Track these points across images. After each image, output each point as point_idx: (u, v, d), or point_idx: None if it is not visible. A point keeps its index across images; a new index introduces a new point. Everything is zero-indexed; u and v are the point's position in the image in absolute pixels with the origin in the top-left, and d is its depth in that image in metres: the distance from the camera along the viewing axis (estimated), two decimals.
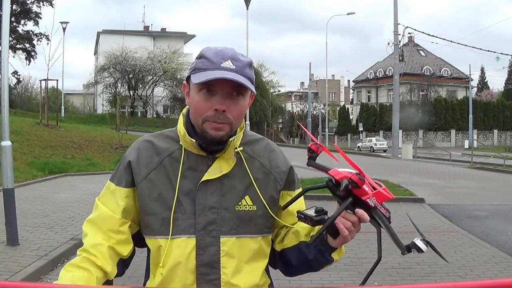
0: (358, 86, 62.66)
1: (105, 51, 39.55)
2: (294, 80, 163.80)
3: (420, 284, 1.86)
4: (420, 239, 1.16)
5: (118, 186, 1.39)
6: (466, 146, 38.88)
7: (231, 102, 1.31)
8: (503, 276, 4.90)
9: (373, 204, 1.19)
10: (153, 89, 41.36)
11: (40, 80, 19.04)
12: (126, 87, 40.35)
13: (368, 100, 58.04)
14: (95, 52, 53.23)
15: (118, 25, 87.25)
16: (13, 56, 34.00)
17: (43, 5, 34.99)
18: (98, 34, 49.25)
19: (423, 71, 52.65)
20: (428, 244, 1.15)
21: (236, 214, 1.34)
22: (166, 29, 52.06)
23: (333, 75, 79.44)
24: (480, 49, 38.47)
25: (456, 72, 55.73)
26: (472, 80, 47.54)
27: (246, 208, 1.35)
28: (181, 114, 1.42)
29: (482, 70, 64.46)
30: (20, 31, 35.18)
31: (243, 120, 1.40)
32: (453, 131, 46.67)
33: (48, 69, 18.97)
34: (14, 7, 32.54)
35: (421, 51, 56.25)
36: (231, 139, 1.33)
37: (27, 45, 35.74)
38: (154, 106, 43.08)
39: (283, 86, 60.03)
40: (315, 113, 51.80)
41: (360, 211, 1.20)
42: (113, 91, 39.64)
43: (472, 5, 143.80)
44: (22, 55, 35.83)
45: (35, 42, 35.65)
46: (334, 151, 1.35)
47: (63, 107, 34.65)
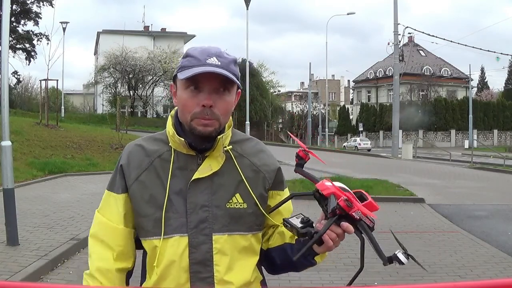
0: (358, 86, 62.67)
1: (105, 51, 39.53)
2: (294, 80, 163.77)
3: (420, 284, 1.86)
4: (402, 252, 1.19)
5: (115, 193, 1.41)
6: (466, 146, 38.87)
7: (218, 98, 1.33)
8: (503, 276, 4.90)
9: (358, 217, 1.22)
10: (153, 89, 41.33)
11: (40, 80, 19.05)
12: (126, 87, 40.33)
13: (368, 100, 58.05)
14: (95, 52, 53.23)
15: (118, 25, 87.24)
16: (13, 56, 34.04)
17: (43, 5, 35.02)
18: (98, 34, 49.24)
19: (423, 71, 52.66)
20: (409, 257, 1.19)
21: (227, 212, 1.36)
22: (166, 29, 52.06)
23: (333, 75, 79.50)
24: (480, 49, 38.53)
25: (456, 72, 55.73)
26: (472, 80, 47.60)
27: (237, 205, 1.37)
28: (169, 116, 1.44)
29: (482, 70, 64.55)
30: (20, 31, 35.16)
31: (230, 117, 1.42)
32: (453, 131, 46.68)
33: (48, 69, 18.97)
34: (14, 7, 32.53)
35: (421, 51, 56.25)
36: (219, 137, 1.35)
37: (27, 45, 35.73)
38: (154, 106, 43.05)
39: (283, 86, 60.07)
40: (315, 113, 51.79)
41: (345, 225, 1.23)
42: (113, 91, 39.61)
43: (472, 5, 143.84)
44: (22, 55, 35.87)
45: (35, 42, 35.69)
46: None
47: (63, 107, 34.65)
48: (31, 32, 35.53)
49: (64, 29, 33.72)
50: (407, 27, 27.02)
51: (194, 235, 1.33)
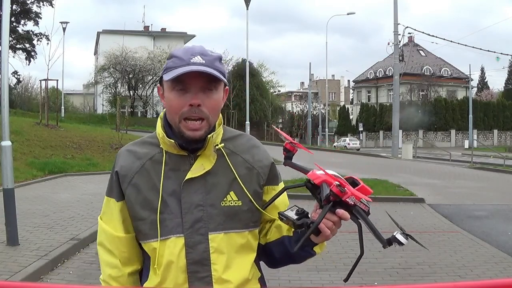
0: (358, 86, 62.67)
1: (105, 51, 39.53)
2: (294, 80, 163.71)
3: (420, 284, 1.86)
4: (400, 232, 1.18)
5: (112, 199, 1.42)
6: (466, 146, 38.88)
7: (205, 96, 1.33)
8: (503, 276, 4.90)
9: (352, 203, 1.21)
10: (153, 89, 41.30)
11: (40, 80, 19.05)
12: (126, 87, 40.33)
13: (368, 100, 58.05)
14: (95, 52, 53.22)
15: (118, 25, 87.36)
16: (13, 56, 34.04)
17: (43, 5, 35.01)
18: (98, 34, 49.23)
19: (423, 71, 52.65)
20: (408, 237, 1.18)
21: (222, 210, 1.35)
22: (166, 29, 52.04)
23: (333, 75, 79.50)
24: (480, 49, 38.51)
25: (456, 72, 55.72)
26: (472, 80, 47.60)
27: (232, 203, 1.37)
28: (159, 118, 1.44)
29: (482, 70, 64.55)
30: (20, 31, 35.16)
31: (220, 115, 1.41)
32: (453, 131, 46.68)
33: (48, 69, 18.95)
34: (14, 7, 32.53)
35: (421, 51, 56.25)
36: (209, 136, 1.34)
37: (27, 45, 35.72)
38: (154, 106, 43.03)
39: (283, 86, 59.94)
40: (315, 113, 51.79)
41: (341, 211, 1.22)
42: (113, 91, 39.62)
43: (472, 5, 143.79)
44: (22, 55, 35.86)
45: (35, 42, 35.68)
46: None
47: (63, 107, 34.63)
48: (31, 32, 35.54)
49: (64, 29, 33.72)
50: (407, 27, 27.05)
51: (190, 235, 1.33)
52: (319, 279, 4.66)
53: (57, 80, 20.42)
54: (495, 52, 33.10)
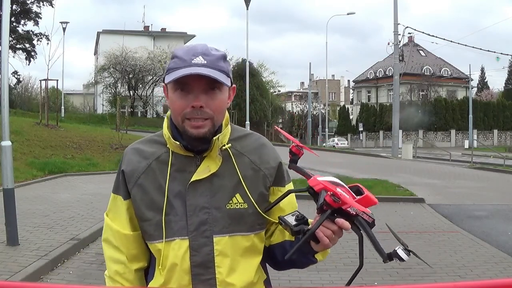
0: (358, 86, 62.65)
1: (105, 51, 39.50)
2: (294, 80, 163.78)
3: (420, 284, 1.86)
4: (402, 248, 1.15)
5: (119, 197, 1.41)
6: (466, 146, 38.85)
7: (208, 97, 1.30)
8: (503, 276, 4.90)
9: (354, 213, 1.18)
10: (153, 89, 41.31)
11: (40, 80, 19.04)
12: (126, 87, 40.31)
13: (368, 100, 58.03)
14: (95, 52, 53.21)
15: (118, 25, 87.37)
16: (13, 56, 34.01)
17: (43, 5, 34.99)
18: (98, 34, 49.21)
19: (423, 71, 52.64)
20: (411, 253, 1.15)
21: (227, 213, 1.34)
22: (166, 29, 52.03)
23: (333, 75, 79.49)
24: (480, 49, 38.50)
25: (456, 72, 55.71)
26: (472, 80, 47.58)
27: (237, 206, 1.35)
28: (165, 117, 1.42)
29: (482, 70, 64.52)
30: (20, 31, 35.14)
31: (226, 114, 1.39)
32: (453, 131, 46.66)
33: (48, 69, 18.98)
34: (14, 7, 32.51)
35: (421, 51, 56.23)
36: (215, 138, 1.32)
37: (27, 45, 35.70)
38: (154, 106, 43.03)
39: (283, 86, 59.92)
40: (315, 113, 51.78)
41: (341, 221, 1.19)
42: (113, 91, 39.60)
43: (472, 5, 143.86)
44: (22, 55, 35.83)
45: (35, 42, 35.65)
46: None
47: (63, 107, 34.61)
48: (31, 32, 35.52)
49: (64, 29, 33.72)
50: (407, 27, 27.05)
51: (195, 237, 1.32)
52: (319, 279, 4.66)
53: (57, 80, 20.46)
54: (495, 52, 33.14)
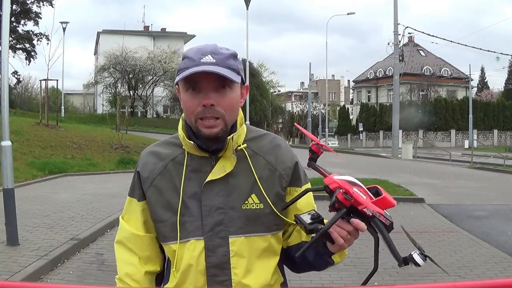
0: (358, 86, 62.65)
1: (105, 51, 39.55)
2: (294, 80, 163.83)
3: (420, 284, 1.86)
4: (418, 252, 1.13)
5: (134, 199, 1.41)
6: (466, 146, 38.85)
7: (218, 96, 1.30)
8: (503, 276, 4.90)
9: (370, 214, 1.16)
10: (153, 89, 41.35)
11: (40, 80, 19.02)
12: (126, 87, 40.35)
13: (368, 100, 58.03)
14: (95, 52, 53.23)
15: (118, 25, 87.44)
16: (13, 56, 34.04)
17: (43, 5, 35.03)
18: (98, 34, 49.25)
19: (423, 71, 52.63)
20: (427, 258, 1.13)
21: (243, 213, 1.32)
22: (166, 29, 52.09)
23: (333, 75, 79.54)
24: (480, 49, 38.39)
25: (456, 72, 55.70)
26: (472, 80, 47.58)
27: (253, 206, 1.34)
28: (180, 118, 1.41)
29: (482, 70, 64.48)
30: (20, 31, 35.17)
31: (240, 114, 1.38)
32: (453, 131, 46.66)
33: (48, 69, 18.89)
34: (14, 7, 32.53)
35: (421, 51, 56.23)
36: (229, 138, 1.31)
37: (27, 45, 35.73)
38: (154, 106, 43.08)
39: (283, 86, 60.09)
40: (315, 113, 51.81)
41: (356, 221, 1.18)
42: (113, 91, 39.64)
43: (472, 5, 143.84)
44: (22, 55, 35.87)
45: (35, 42, 35.70)
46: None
47: (63, 107, 34.62)
48: (31, 32, 35.55)
49: (64, 29, 33.73)
50: (407, 27, 27.07)
51: (210, 238, 1.31)
52: (319, 279, 4.65)
53: (57, 80, 20.42)
54: (495, 52, 33.15)
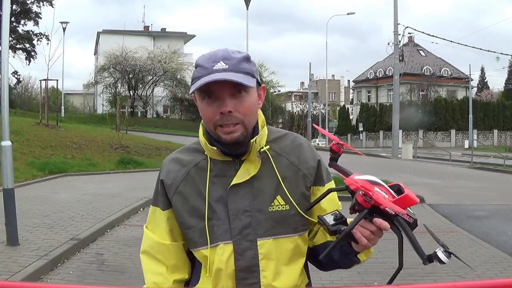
0: (358, 86, 62.65)
1: (105, 51, 39.53)
2: (294, 80, 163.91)
3: (420, 284, 1.86)
4: (442, 250, 1.12)
5: (158, 208, 1.40)
6: (466, 146, 38.86)
7: (235, 101, 1.29)
8: (503, 276, 4.90)
9: (393, 212, 1.15)
10: (153, 89, 41.33)
11: (40, 80, 19.02)
12: (126, 87, 40.32)
13: (368, 100, 58.04)
14: (95, 52, 53.22)
15: (118, 25, 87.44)
16: (13, 56, 34.02)
17: (43, 5, 35.00)
18: (98, 34, 49.23)
19: (423, 71, 52.64)
20: (452, 255, 1.12)
21: (270, 215, 1.32)
22: (166, 29, 52.04)
23: (333, 75, 79.52)
24: (480, 49, 38.27)
25: (456, 72, 55.71)
26: (472, 80, 47.58)
27: (279, 208, 1.34)
28: (200, 124, 1.40)
29: (482, 70, 64.49)
30: (20, 31, 35.15)
31: (262, 116, 1.38)
32: (453, 131, 46.67)
33: (48, 69, 18.89)
34: (14, 7, 32.51)
35: (421, 51, 56.23)
36: (252, 141, 1.31)
37: (27, 45, 35.72)
38: (154, 106, 43.04)
39: (283, 86, 59.93)
40: (315, 113, 51.77)
41: (379, 221, 1.17)
42: (113, 91, 39.62)
43: (472, 5, 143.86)
44: (22, 55, 35.85)
45: (35, 42, 35.67)
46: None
47: (63, 107, 34.63)
48: (31, 32, 35.53)
49: (64, 29, 33.76)
50: (407, 27, 27.01)
51: (238, 241, 1.31)
52: (319, 279, 4.64)
53: (57, 80, 20.42)
54: (495, 52, 33.08)
